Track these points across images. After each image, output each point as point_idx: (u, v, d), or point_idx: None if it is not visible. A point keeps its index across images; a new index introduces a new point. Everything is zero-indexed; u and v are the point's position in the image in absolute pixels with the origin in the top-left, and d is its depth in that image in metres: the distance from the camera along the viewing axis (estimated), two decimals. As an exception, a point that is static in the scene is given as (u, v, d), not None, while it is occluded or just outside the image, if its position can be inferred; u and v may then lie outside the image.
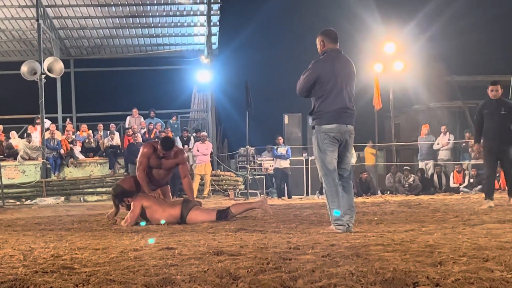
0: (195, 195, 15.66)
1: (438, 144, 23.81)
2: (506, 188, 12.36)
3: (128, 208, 9.65)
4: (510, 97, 17.45)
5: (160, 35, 29.83)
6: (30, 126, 25.67)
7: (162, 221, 9.29)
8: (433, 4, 31.96)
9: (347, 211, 7.28)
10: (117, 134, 25.09)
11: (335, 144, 7.38)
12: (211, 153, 24.18)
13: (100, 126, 25.99)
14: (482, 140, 12.12)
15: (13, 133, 25.36)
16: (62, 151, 23.61)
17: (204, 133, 24.18)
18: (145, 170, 10.14)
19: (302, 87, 7.54)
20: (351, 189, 7.57)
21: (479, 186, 21.21)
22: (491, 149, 11.88)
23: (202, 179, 22.84)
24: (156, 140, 12.27)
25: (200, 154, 22.86)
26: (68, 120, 27.83)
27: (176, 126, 26.54)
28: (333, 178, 7.34)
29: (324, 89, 7.35)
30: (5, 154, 23.77)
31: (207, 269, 4.11)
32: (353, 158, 21.55)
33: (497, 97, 11.89)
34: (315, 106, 7.48)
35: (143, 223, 9.35)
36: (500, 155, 11.89)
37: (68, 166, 23.65)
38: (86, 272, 4.26)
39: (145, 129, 25.05)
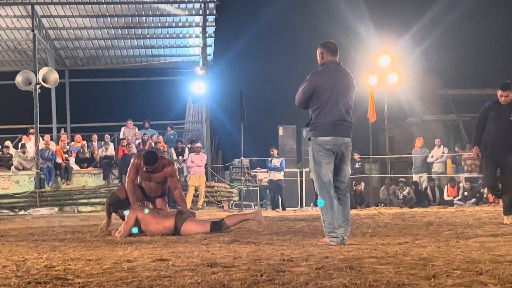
0: (189, 206, 15.62)
1: (432, 157, 23.82)
2: (501, 203, 11.17)
3: (123, 218, 9.64)
4: None
5: (156, 46, 29.83)
6: (24, 136, 25.61)
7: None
8: (427, 17, 32.03)
9: (342, 223, 7.24)
10: (111, 145, 25.07)
11: (330, 156, 7.36)
12: (206, 165, 24.17)
13: (95, 136, 25.92)
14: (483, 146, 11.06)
15: (7, 143, 25.31)
16: (58, 160, 23.57)
17: (199, 144, 24.15)
18: (133, 181, 10.09)
19: (300, 99, 7.54)
20: (348, 201, 7.53)
21: (473, 199, 21.24)
22: (491, 157, 10.75)
23: (196, 190, 22.82)
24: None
25: (195, 166, 22.85)
26: (62, 130, 27.76)
27: (171, 137, 26.51)
28: (328, 191, 7.31)
29: (321, 101, 7.35)
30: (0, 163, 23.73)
31: (201, 281, 4.11)
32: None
33: (507, 102, 10.77)
34: (312, 118, 7.48)
35: (135, 230, 9.34)
36: (500, 163, 10.69)
37: (61, 180, 23.63)
38: (79, 283, 4.26)
39: (140, 140, 25.02)
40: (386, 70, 25.44)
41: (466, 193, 21.98)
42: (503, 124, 10.62)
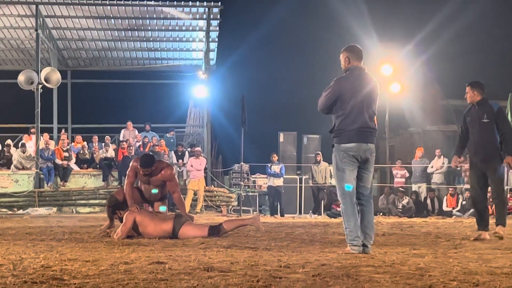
0: (187, 210, 15.62)
1: (432, 167, 23.81)
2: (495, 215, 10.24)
3: (121, 220, 9.64)
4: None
5: (158, 49, 29.83)
6: (25, 136, 25.64)
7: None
8: (430, 27, 32.05)
9: (366, 230, 7.20)
10: (111, 147, 25.07)
11: (354, 163, 7.28)
12: (205, 169, 24.17)
13: (95, 138, 25.94)
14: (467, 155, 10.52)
15: (9, 141, 25.33)
16: (58, 161, 23.58)
17: (198, 148, 24.15)
18: (131, 184, 10.09)
19: (323, 104, 7.45)
20: (371, 208, 7.44)
21: (472, 210, 21.22)
22: (475, 166, 9.92)
23: (195, 194, 22.81)
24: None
25: (194, 170, 22.85)
26: (63, 130, 27.76)
27: (172, 140, 26.51)
28: (351, 198, 7.23)
29: (345, 107, 7.26)
30: (0, 162, 23.73)
31: (197, 285, 4.11)
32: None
33: (473, 100, 9.92)
34: (335, 124, 7.39)
35: (155, 191, 9.48)
36: (485, 172, 9.78)
37: (60, 181, 23.65)
38: (75, 284, 4.26)
39: (140, 143, 25.02)
40: (388, 79, 25.47)
41: (464, 203, 21.95)
42: (476, 128, 9.83)
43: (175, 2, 25.61)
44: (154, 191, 10.10)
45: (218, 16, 26.62)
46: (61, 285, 4.19)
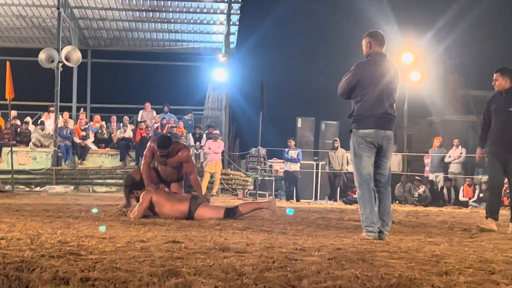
0: (204, 192, 15.64)
1: (449, 157, 23.71)
2: (510, 208, 9.91)
3: (138, 200, 9.67)
4: None
5: (179, 31, 29.82)
6: (44, 114, 25.75)
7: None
8: (451, 13, 31.81)
9: (383, 217, 7.19)
10: (129, 127, 25.11)
11: (371, 149, 7.24)
12: (222, 152, 24.19)
13: (114, 117, 26.00)
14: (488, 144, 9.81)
15: (27, 119, 25.45)
16: (76, 139, 23.69)
17: (217, 131, 24.16)
18: (148, 164, 10.11)
19: (342, 89, 7.41)
20: (389, 195, 7.42)
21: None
22: (495, 156, 9.46)
23: (212, 177, 22.85)
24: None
25: (212, 152, 22.86)
26: (82, 109, 27.86)
27: (190, 122, 26.54)
28: (368, 184, 7.20)
29: (365, 93, 7.21)
30: (18, 140, 23.83)
31: (213, 264, 4.12)
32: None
33: (502, 88, 9.51)
34: (354, 109, 7.35)
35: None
36: (506, 164, 9.36)
37: (78, 159, 23.77)
38: (92, 259, 4.28)
39: (158, 124, 25.07)
40: (409, 67, 25.37)
41: (481, 195, 21.87)
42: (502, 116, 9.42)
43: (197, -16, 25.64)
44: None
45: (240, 0, 26.59)
46: (78, 260, 4.21)
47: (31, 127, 24.87)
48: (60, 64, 23.97)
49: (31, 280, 3.28)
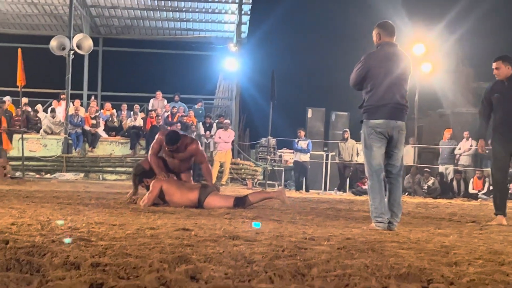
0: (214, 181, 15.65)
1: (459, 149, 23.66)
2: None
3: (148, 188, 9.69)
4: None
5: (190, 20, 29.83)
6: (55, 101, 25.81)
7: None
8: (463, 4, 31.62)
9: (393, 208, 7.19)
10: (140, 115, 25.15)
11: (382, 140, 7.23)
12: (232, 141, 24.20)
13: (124, 106, 26.07)
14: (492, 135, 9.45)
15: (38, 107, 25.53)
16: (86, 127, 23.75)
17: (227, 121, 24.19)
18: (156, 155, 10.06)
19: (354, 80, 7.39)
20: (399, 186, 7.40)
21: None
22: (502, 148, 9.21)
23: (221, 166, 22.87)
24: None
25: (222, 142, 22.89)
26: (93, 97, 27.92)
27: (200, 112, 26.56)
28: (377, 175, 7.20)
29: (374, 83, 7.19)
30: (29, 127, 23.89)
31: (223, 251, 4.13)
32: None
33: (505, 75, 9.20)
34: (364, 100, 7.33)
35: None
36: (511, 153, 9.17)
37: (89, 147, 23.83)
38: (102, 245, 4.30)
39: (169, 113, 25.10)
40: (420, 58, 25.29)
41: (491, 188, 21.81)
42: (506, 105, 9.15)
43: (208, -27, 25.62)
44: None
45: (251, -11, 26.60)
46: (89, 246, 4.23)
47: (42, 114, 24.95)
48: (72, 52, 24.03)
49: (42, 264, 3.30)
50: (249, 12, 28.00)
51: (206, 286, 2.82)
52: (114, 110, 25.63)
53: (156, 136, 10.25)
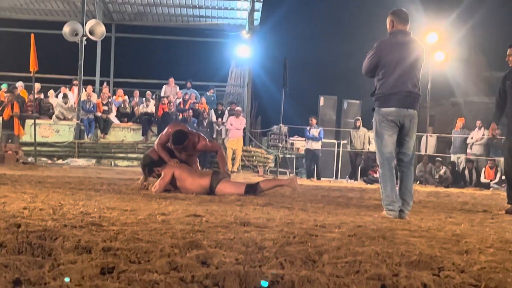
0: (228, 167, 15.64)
1: (471, 138, 23.60)
2: None
3: (158, 177, 9.68)
4: None
5: (203, 6, 29.76)
6: (67, 87, 25.86)
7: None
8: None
9: (404, 196, 7.18)
10: (152, 102, 25.16)
11: (393, 128, 7.21)
12: (244, 129, 24.21)
13: (136, 92, 26.13)
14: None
15: (51, 92, 25.59)
16: (98, 114, 23.81)
17: (239, 108, 24.18)
18: (163, 145, 9.95)
19: (366, 68, 7.37)
20: (411, 174, 7.41)
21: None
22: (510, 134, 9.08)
23: (233, 153, 22.88)
24: (183, 124, 11.95)
25: (234, 129, 22.90)
26: (105, 84, 27.96)
27: (212, 99, 26.55)
28: (389, 163, 7.20)
29: (386, 71, 7.17)
30: (41, 112, 23.95)
31: (234, 238, 4.14)
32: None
33: None
34: (376, 88, 7.31)
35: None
36: None
37: (101, 133, 23.89)
38: (114, 230, 4.32)
39: (181, 100, 25.11)
40: (433, 47, 25.20)
41: (503, 177, 21.75)
42: None
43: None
44: None
45: (264, -23, 26.54)
46: (100, 231, 4.25)
47: (54, 100, 25.00)
48: (84, 38, 24.05)
49: (54, 248, 3.31)
50: (261, 0, 27.92)
51: (217, 271, 2.83)
52: (126, 97, 25.67)
53: (166, 129, 10.18)
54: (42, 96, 24.73)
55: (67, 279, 2.31)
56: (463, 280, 3.02)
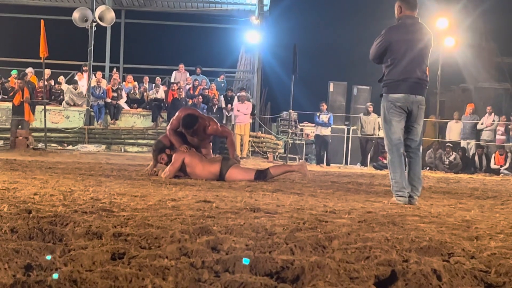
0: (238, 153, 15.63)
1: (482, 124, 23.54)
2: None
3: (167, 164, 9.68)
4: None
5: (213, -8, 29.73)
6: (77, 73, 25.90)
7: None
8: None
9: (413, 182, 7.19)
10: (162, 88, 25.15)
11: (401, 114, 7.22)
12: (254, 115, 24.19)
13: (146, 78, 26.14)
14: None
15: (61, 78, 25.61)
16: (108, 100, 23.85)
17: (243, 93, 24.06)
18: (174, 130, 9.94)
19: (374, 54, 7.37)
20: (419, 160, 7.41)
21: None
22: None
23: (241, 139, 22.88)
24: (193, 108, 11.91)
25: (241, 114, 22.88)
26: (114, 70, 27.97)
27: (222, 85, 26.54)
28: (397, 149, 7.21)
29: (395, 57, 7.17)
30: (51, 98, 23.99)
31: (243, 223, 4.15)
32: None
33: None
34: (384, 74, 7.31)
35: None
36: None
37: (111, 119, 23.93)
38: (124, 216, 4.33)
39: (190, 85, 25.12)
40: (443, 33, 25.11)
41: (514, 162, 21.72)
42: None
43: None
44: None
45: (274, -38, 26.45)
46: (111, 216, 4.26)
47: (64, 86, 25.04)
48: (94, 24, 24.06)
49: (65, 234, 3.33)
50: (271, -15, 27.87)
51: (227, 256, 2.83)
52: (136, 83, 25.69)
53: (177, 113, 10.17)
54: (52, 82, 24.76)
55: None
56: (473, 266, 3.02)
